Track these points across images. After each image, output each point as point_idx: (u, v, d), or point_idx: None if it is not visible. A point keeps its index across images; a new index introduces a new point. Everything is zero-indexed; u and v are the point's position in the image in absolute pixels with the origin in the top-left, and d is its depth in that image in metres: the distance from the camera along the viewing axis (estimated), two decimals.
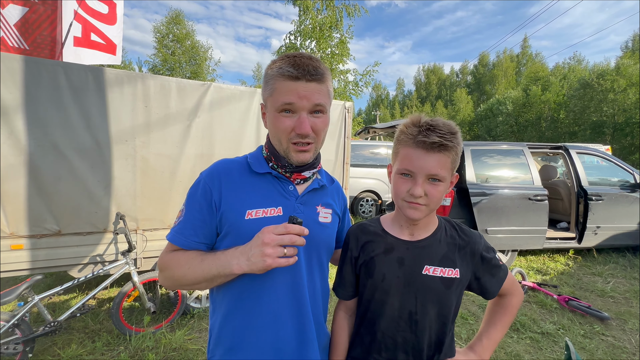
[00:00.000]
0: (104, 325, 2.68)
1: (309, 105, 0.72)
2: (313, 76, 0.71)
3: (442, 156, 0.74)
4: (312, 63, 0.72)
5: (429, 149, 0.74)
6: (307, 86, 0.71)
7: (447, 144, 0.73)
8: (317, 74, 0.71)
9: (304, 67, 0.70)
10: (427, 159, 0.74)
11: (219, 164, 0.82)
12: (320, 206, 0.86)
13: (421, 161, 0.74)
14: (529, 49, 48.67)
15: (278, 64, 0.73)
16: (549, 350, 2.45)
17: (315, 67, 0.72)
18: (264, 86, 0.77)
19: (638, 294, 3.43)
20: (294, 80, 0.71)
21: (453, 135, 0.75)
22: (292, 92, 0.71)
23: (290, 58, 0.72)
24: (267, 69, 0.76)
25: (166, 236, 0.79)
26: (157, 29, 23.23)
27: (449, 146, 0.74)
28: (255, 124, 3.10)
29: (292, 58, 0.72)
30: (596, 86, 26.02)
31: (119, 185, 2.60)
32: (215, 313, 0.82)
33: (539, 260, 4.49)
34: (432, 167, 0.74)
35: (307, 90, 0.71)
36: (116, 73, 2.56)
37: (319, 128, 0.75)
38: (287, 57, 0.73)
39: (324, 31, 11.28)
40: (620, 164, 4.63)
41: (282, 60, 0.73)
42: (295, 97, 0.71)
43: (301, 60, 0.71)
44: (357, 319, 0.89)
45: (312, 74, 0.71)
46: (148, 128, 2.67)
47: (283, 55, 0.74)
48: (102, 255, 2.60)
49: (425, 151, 0.74)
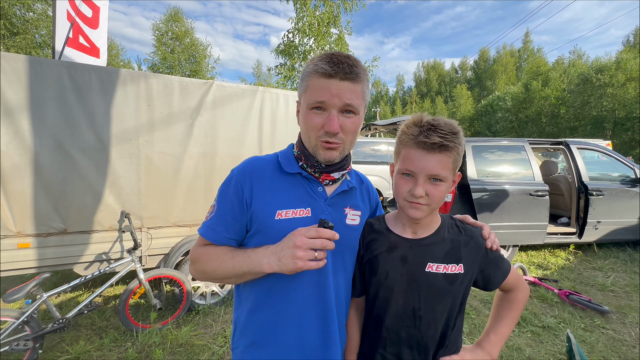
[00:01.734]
0: (110, 322, 2.71)
1: (340, 103, 0.71)
2: (347, 74, 0.70)
3: (443, 156, 0.75)
4: (348, 61, 0.71)
5: (429, 149, 0.74)
6: (340, 85, 0.70)
7: (448, 145, 0.74)
8: (351, 72, 0.71)
9: (339, 65, 0.70)
10: (428, 160, 0.74)
11: (251, 161, 0.82)
12: (348, 208, 0.86)
13: (422, 162, 0.75)
14: (531, 44, 48.41)
15: (315, 60, 0.73)
16: (550, 343, 2.48)
17: (350, 65, 0.71)
18: (301, 83, 0.78)
19: (638, 288, 3.46)
20: (328, 78, 0.70)
21: (454, 135, 0.75)
22: (324, 90, 0.71)
23: (328, 56, 0.72)
24: (305, 67, 0.77)
25: (198, 230, 0.81)
26: (156, 26, 23.20)
27: (450, 146, 0.74)
28: (258, 122, 3.11)
29: (330, 56, 0.72)
30: (594, 81, 25.94)
31: (123, 183, 2.63)
32: (240, 306, 0.84)
33: (540, 255, 4.52)
34: (433, 168, 0.75)
35: (339, 89, 0.70)
36: (119, 72, 2.57)
37: (349, 129, 0.74)
38: (326, 55, 0.73)
39: (322, 28, 11.23)
40: (621, 159, 4.64)
41: (320, 57, 0.73)
42: (327, 94, 0.71)
43: (337, 58, 0.71)
44: (365, 316, 0.91)
45: (347, 72, 0.70)
46: (151, 127, 2.69)
47: (322, 54, 0.74)
48: (107, 253, 2.63)
49: (426, 152, 0.75)
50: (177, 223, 2.87)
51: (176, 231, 2.87)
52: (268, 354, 0.78)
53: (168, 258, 2.80)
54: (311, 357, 0.78)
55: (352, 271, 0.89)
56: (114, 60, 26.72)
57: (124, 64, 28.36)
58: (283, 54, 11.89)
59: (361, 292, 0.91)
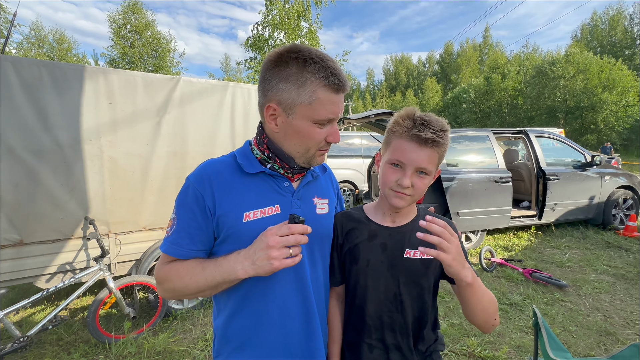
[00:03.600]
0: (79, 336, 2.55)
1: (339, 116, 0.74)
2: (346, 89, 0.72)
3: (433, 151, 0.78)
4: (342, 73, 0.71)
5: (422, 143, 0.77)
6: (342, 99, 0.73)
7: (439, 141, 0.77)
8: (348, 86, 0.72)
9: (342, 78, 0.69)
10: (419, 153, 0.77)
11: (206, 165, 0.77)
12: (316, 197, 0.86)
13: (413, 154, 0.77)
14: (490, 39, 50.98)
15: (317, 67, 0.67)
16: (517, 319, 2.67)
17: (345, 77, 0.71)
18: (298, 90, 0.68)
19: (590, 263, 3.81)
20: (337, 93, 0.70)
21: (444, 132, 0.78)
22: (335, 105, 0.71)
23: (330, 68, 0.68)
24: (301, 68, 0.67)
25: (160, 247, 0.76)
26: (113, 18, 21.61)
27: (440, 142, 0.78)
28: (230, 119, 3.02)
29: (332, 68, 0.68)
30: (549, 73, 27.95)
31: (85, 188, 2.45)
32: (219, 314, 0.81)
33: (505, 237, 4.83)
34: (422, 161, 0.78)
35: (342, 103, 0.73)
36: (74, 68, 2.38)
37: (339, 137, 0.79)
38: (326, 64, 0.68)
39: (292, 21, 11.08)
40: (573, 145, 5.05)
41: (322, 66, 0.67)
42: (337, 110, 0.72)
43: (336, 71, 0.69)
44: (347, 305, 0.93)
45: (346, 87, 0.71)
46: (114, 126, 2.53)
47: (318, 59, 0.67)
48: (71, 263, 2.45)
49: (418, 145, 0.77)
50: (148, 227, 2.73)
51: (147, 235, 2.73)
52: (253, 356, 0.77)
53: (140, 264, 2.67)
54: (296, 352, 0.79)
55: (329, 259, 0.90)
56: (66, 54, 24.65)
57: (78, 59, 26.26)
58: (253, 47, 11.61)
59: (341, 280, 0.93)
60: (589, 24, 36.56)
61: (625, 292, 3.08)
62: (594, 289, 3.15)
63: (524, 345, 2.31)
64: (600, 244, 4.44)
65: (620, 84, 24.92)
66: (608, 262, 3.81)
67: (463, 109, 38.45)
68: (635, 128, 25.71)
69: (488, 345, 2.32)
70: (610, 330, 2.47)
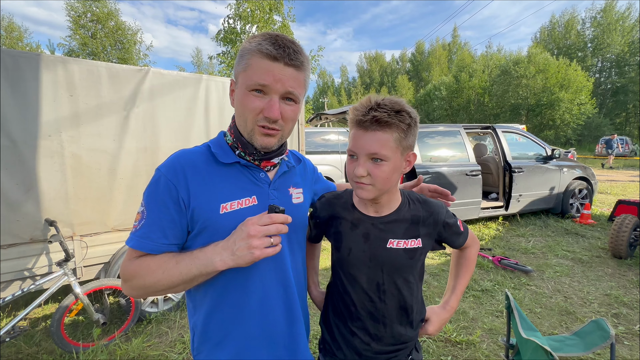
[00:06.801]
0: (42, 347, 2.36)
1: (282, 89, 0.69)
2: (292, 61, 0.68)
3: (383, 134, 0.73)
4: (293, 47, 0.68)
5: (367, 127, 0.74)
6: (284, 70, 0.68)
7: (388, 121, 0.72)
8: (297, 59, 0.68)
9: (285, 49, 0.67)
10: (366, 138, 0.74)
11: (179, 155, 0.74)
12: (291, 187, 0.86)
13: (361, 141, 0.75)
14: (459, 39, 53.05)
15: (258, 39, 0.68)
16: (489, 304, 2.82)
17: (296, 51, 0.68)
18: (239, 60, 0.71)
19: (552, 249, 4.11)
20: (272, 61, 0.67)
21: (397, 112, 0.73)
22: (267, 73, 0.67)
23: (272, 37, 0.68)
24: (245, 43, 0.71)
25: (126, 242, 0.70)
26: (71, 6, 20.06)
27: (389, 122, 0.72)
28: (204, 113, 2.91)
29: (275, 37, 0.68)
30: (513, 72, 29.63)
31: (45, 187, 2.26)
32: (196, 312, 0.78)
33: (476, 228, 5.08)
34: (370, 146, 0.74)
35: (283, 74, 0.68)
36: (28, 56, 2.18)
37: (289, 116, 0.72)
38: (270, 35, 0.69)
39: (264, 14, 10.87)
40: (535, 139, 5.39)
41: (263, 36, 0.69)
42: (271, 78, 0.67)
43: (283, 42, 0.67)
44: (332, 287, 0.94)
45: (292, 58, 0.67)
46: (76, 120, 2.34)
47: (265, 33, 0.70)
48: (31, 269, 2.26)
49: (364, 130, 0.74)
50: (118, 227, 2.58)
51: (117, 236, 2.58)
52: (236, 349, 0.75)
53: (110, 267, 2.51)
54: (278, 341, 0.78)
55: (305, 245, 0.92)
56: (17, 44, 22.63)
57: (31, 49, 24.17)
58: (224, 41, 11.27)
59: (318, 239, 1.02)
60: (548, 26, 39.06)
61: (582, 275, 3.35)
62: (556, 272, 3.40)
63: (495, 329, 2.44)
64: (559, 232, 4.79)
65: (575, 83, 26.97)
66: (567, 247, 4.12)
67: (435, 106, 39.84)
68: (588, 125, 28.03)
69: (463, 330, 2.43)
70: (570, 309, 2.68)
